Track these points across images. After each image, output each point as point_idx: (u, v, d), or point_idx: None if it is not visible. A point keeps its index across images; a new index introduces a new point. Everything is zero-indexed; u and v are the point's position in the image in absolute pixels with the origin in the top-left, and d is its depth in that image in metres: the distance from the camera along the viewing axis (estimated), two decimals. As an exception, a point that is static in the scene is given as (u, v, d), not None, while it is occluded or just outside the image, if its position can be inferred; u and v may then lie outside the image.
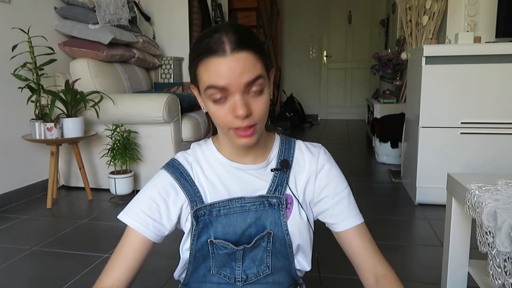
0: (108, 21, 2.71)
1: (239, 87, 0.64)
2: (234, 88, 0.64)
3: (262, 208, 0.75)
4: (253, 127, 0.68)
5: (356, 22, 6.27)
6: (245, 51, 0.64)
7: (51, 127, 2.15)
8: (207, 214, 0.74)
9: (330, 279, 1.42)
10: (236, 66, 0.63)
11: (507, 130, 2.04)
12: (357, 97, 6.40)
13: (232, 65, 0.63)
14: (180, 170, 0.77)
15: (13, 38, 2.20)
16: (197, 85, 0.71)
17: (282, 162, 0.78)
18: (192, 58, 0.68)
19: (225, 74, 0.63)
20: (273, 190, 0.76)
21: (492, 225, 0.76)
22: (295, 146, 0.82)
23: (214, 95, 0.65)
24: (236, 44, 0.64)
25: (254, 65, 0.65)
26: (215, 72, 0.64)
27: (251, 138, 0.69)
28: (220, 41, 0.64)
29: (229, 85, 0.64)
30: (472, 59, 2.03)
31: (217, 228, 0.74)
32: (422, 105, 2.12)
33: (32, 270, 1.51)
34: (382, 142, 3.26)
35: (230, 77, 0.63)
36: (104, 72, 2.71)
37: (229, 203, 0.74)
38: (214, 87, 0.65)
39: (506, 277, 0.70)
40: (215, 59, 0.64)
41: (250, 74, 0.64)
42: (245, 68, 0.64)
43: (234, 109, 0.65)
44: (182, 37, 3.57)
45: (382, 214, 2.09)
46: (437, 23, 3.04)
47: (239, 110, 0.64)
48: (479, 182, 0.95)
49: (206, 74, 0.65)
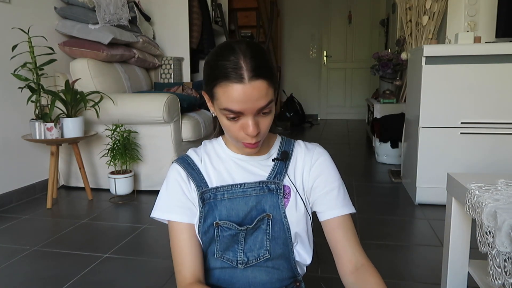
0: (108, 21, 2.71)
1: (252, 111, 0.72)
2: (248, 112, 0.72)
3: (262, 193, 0.81)
4: (258, 142, 0.77)
5: (356, 22, 6.27)
6: (261, 79, 0.70)
7: (51, 127, 2.15)
8: (212, 197, 0.80)
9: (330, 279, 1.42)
10: (252, 93, 0.70)
11: (507, 130, 2.04)
12: (357, 97, 6.40)
13: (249, 92, 0.70)
14: (187, 161, 0.85)
15: (13, 38, 2.20)
16: (211, 98, 0.77)
17: (283, 153, 0.86)
18: (210, 77, 0.74)
19: (242, 100, 0.70)
20: (272, 177, 0.83)
21: (492, 225, 0.76)
22: (295, 143, 0.90)
23: (229, 115, 0.73)
24: (254, 73, 0.69)
25: (267, 92, 0.72)
26: (233, 97, 0.70)
27: (256, 148, 0.79)
28: (239, 67, 0.69)
29: (244, 110, 0.72)
30: (472, 59, 2.03)
31: (221, 212, 0.80)
32: (422, 105, 2.12)
33: (32, 270, 1.51)
34: (382, 142, 3.26)
35: (246, 104, 0.71)
36: (104, 72, 2.71)
37: (232, 188, 0.81)
38: (230, 111, 0.72)
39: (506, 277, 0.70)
40: (234, 85, 0.69)
41: (264, 100, 0.72)
42: (260, 95, 0.71)
43: (246, 128, 0.74)
44: (182, 37, 3.57)
45: (382, 214, 2.09)
46: (437, 23, 3.04)
47: (251, 131, 0.73)
48: (479, 182, 0.95)
49: (223, 97, 0.71)
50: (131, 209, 2.24)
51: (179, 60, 3.58)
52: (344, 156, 3.64)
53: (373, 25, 6.14)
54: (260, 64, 0.71)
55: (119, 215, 2.14)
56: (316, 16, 6.39)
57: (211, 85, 0.74)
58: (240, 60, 0.69)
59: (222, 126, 0.79)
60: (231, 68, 0.69)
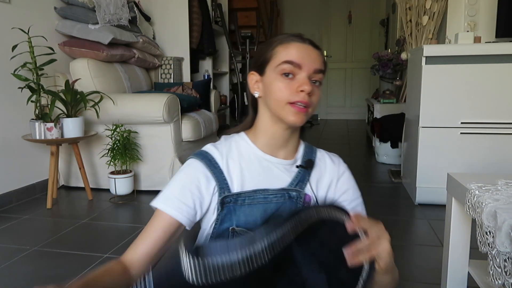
0: (108, 21, 2.71)
1: (309, 69, 0.78)
2: (305, 68, 0.77)
3: (282, 200, 0.81)
4: (307, 108, 0.78)
5: (356, 22, 6.27)
6: (318, 50, 0.81)
7: (51, 127, 2.15)
8: (233, 202, 0.79)
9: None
10: (311, 53, 0.79)
11: (507, 130, 2.04)
12: (357, 97, 6.40)
13: (308, 51, 0.79)
14: (209, 158, 0.82)
15: (13, 38, 2.20)
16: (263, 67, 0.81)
17: (308, 161, 0.87)
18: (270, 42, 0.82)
19: (302, 55, 0.78)
20: (295, 184, 0.83)
21: (492, 225, 0.76)
22: (317, 152, 0.91)
23: (287, 69, 0.77)
24: (313, 44, 0.81)
25: (322, 63, 0.80)
26: (294, 50, 0.78)
27: (302, 116, 0.78)
28: (300, 35, 0.81)
29: (303, 64, 0.77)
30: (472, 59, 2.03)
31: (240, 217, 0.79)
32: (422, 105, 2.12)
33: (32, 270, 1.51)
34: (382, 142, 3.26)
35: (305, 58, 0.77)
36: (104, 72, 2.71)
37: (253, 194, 0.80)
38: (290, 63, 0.77)
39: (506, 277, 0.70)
40: (297, 43, 0.79)
41: (319, 64, 0.79)
42: (317, 58, 0.79)
43: (302, 84, 0.77)
44: (182, 37, 3.57)
45: (382, 214, 2.09)
46: (437, 23, 3.04)
47: (306, 86, 0.76)
48: (479, 182, 0.95)
49: (284, 52, 0.78)
50: (131, 209, 2.24)
51: (179, 60, 3.58)
52: (344, 156, 3.60)
53: (373, 25, 6.14)
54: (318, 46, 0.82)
55: (119, 215, 2.14)
56: (316, 16, 6.39)
57: (270, 48, 0.80)
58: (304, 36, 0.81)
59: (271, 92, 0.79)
60: (295, 35, 0.81)
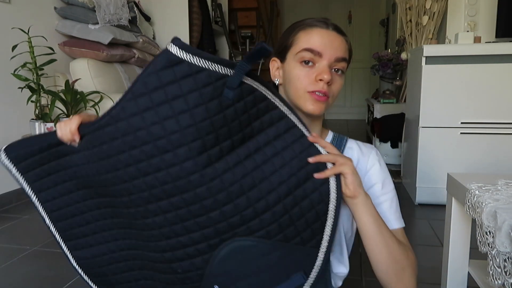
0: (108, 21, 2.71)
1: (330, 57, 0.74)
2: (326, 56, 0.74)
3: None
4: (327, 97, 0.75)
5: (356, 22, 6.27)
6: (343, 36, 0.77)
7: (51, 127, 2.15)
8: None
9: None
10: (334, 40, 0.75)
11: (507, 130, 2.04)
12: (357, 97, 6.40)
13: (331, 38, 0.75)
14: None
15: (13, 38, 2.20)
16: (284, 53, 0.79)
17: None
18: (293, 27, 0.79)
19: (324, 42, 0.74)
20: None
21: (492, 225, 0.76)
22: (347, 144, 0.84)
23: (306, 57, 0.74)
24: (338, 30, 0.77)
25: (345, 51, 0.77)
26: (316, 37, 0.74)
27: (321, 105, 0.75)
28: (325, 21, 0.77)
29: (324, 52, 0.74)
30: (472, 59, 2.03)
31: None
32: (422, 105, 2.12)
33: (32, 270, 1.51)
34: (382, 142, 3.26)
35: (327, 46, 0.74)
36: (104, 72, 2.71)
37: None
38: (310, 50, 0.74)
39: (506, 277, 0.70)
40: (319, 29, 0.75)
41: (342, 52, 0.76)
42: (340, 46, 0.76)
43: (321, 73, 0.73)
44: (182, 37, 3.52)
45: (382, 214, 2.09)
46: (437, 23, 3.04)
47: (325, 75, 0.73)
48: (479, 182, 0.95)
49: (305, 38, 0.75)
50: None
51: (179, 60, 3.58)
52: (344, 156, 3.63)
53: (373, 25, 6.14)
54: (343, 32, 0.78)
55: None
56: (316, 16, 6.38)
57: (292, 34, 0.78)
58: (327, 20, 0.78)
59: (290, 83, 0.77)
60: (318, 20, 0.77)
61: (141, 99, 0.60)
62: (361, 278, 1.42)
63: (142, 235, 0.69)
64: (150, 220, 0.65)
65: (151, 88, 0.59)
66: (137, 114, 0.60)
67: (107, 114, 0.62)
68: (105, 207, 0.70)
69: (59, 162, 0.69)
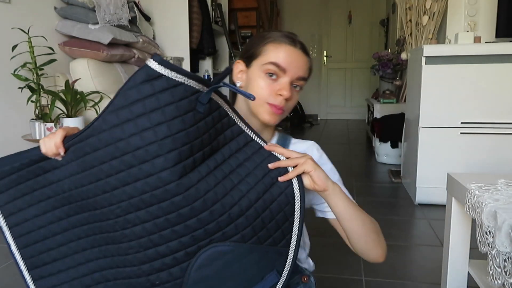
0: (108, 21, 2.71)
1: (293, 75, 0.80)
2: (290, 73, 0.80)
3: None
4: (282, 111, 0.82)
5: (356, 22, 6.27)
6: (307, 57, 0.83)
7: (51, 127, 2.15)
8: None
9: (330, 279, 1.42)
10: (299, 59, 0.81)
11: (507, 130, 2.04)
12: (357, 97, 6.40)
13: (297, 57, 0.81)
14: None
15: (13, 38, 2.19)
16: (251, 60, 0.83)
17: None
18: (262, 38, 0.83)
19: (290, 60, 0.80)
20: None
21: (492, 225, 0.76)
22: (290, 142, 0.91)
23: (272, 70, 0.80)
24: (304, 50, 0.83)
25: (307, 70, 0.84)
26: (283, 53, 0.80)
27: (277, 117, 0.82)
28: (294, 38, 0.82)
29: (288, 69, 0.80)
30: (472, 59, 2.03)
31: None
32: (422, 105, 2.12)
33: (32, 270, 1.51)
34: (382, 142, 3.26)
35: (292, 64, 0.80)
36: (104, 72, 2.71)
37: None
38: (276, 65, 0.79)
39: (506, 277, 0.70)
40: (288, 46, 0.81)
41: (303, 71, 0.82)
42: (303, 66, 0.82)
43: (282, 89, 0.79)
44: (182, 37, 3.56)
45: (382, 214, 2.09)
46: (437, 23, 3.04)
47: (285, 91, 0.79)
48: (479, 182, 0.96)
49: (273, 52, 0.80)
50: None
51: (179, 60, 3.58)
52: (344, 156, 3.64)
53: (373, 25, 6.14)
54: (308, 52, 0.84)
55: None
56: (316, 16, 6.39)
57: (261, 43, 0.82)
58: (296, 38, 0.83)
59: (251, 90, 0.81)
60: (288, 36, 0.82)
61: (122, 111, 0.62)
62: (361, 278, 1.42)
63: (120, 249, 0.69)
64: (129, 230, 0.67)
65: (131, 101, 0.62)
66: (117, 126, 0.62)
67: (90, 125, 0.65)
68: (82, 225, 0.71)
69: (37, 180, 0.71)
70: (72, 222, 0.72)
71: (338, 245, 0.85)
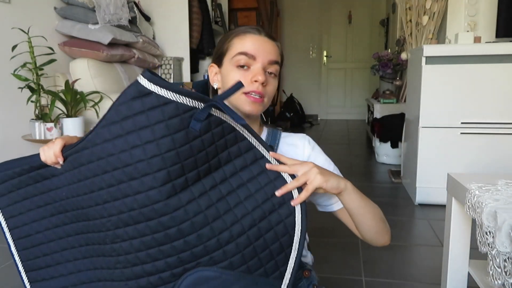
0: (108, 21, 2.71)
1: (264, 60, 0.81)
2: (260, 59, 0.80)
3: None
4: (262, 98, 0.81)
5: (356, 22, 6.27)
6: (274, 42, 0.84)
7: (51, 127, 2.15)
8: None
9: (330, 279, 1.42)
10: (266, 44, 0.82)
11: (507, 130, 2.04)
12: (357, 97, 6.40)
13: (263, 43, 0.82)
14: None
15: (13, 38, 2.19)
16: (221, 59, 0.84)
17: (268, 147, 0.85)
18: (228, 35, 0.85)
19: (257, 47, 0.81)
20: None
21: (492, 225, 0.76)
22: (280, 138, 0.90)
23: (242, 60, 0.80)
24: (269, 36, 0.84)
25: (277, 55, 0.84)
26: (249, 42, 0.81)
27: (258, 106, 0.81)
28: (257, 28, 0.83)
29: (257, 55, 0.80)
30: (472, 59, 2.03)
31: None
32: (422, 105, 2.12)
33: (32, 270, 1.51)
34: (382, 142, 3.26)
35: (259, 50, 0.80)
36: (104, 72, 2.71)
37: None
38: (245, 54, 0.80)
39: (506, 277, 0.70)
40: (252, 35, 0.82)
41: (274, 55, 0.83)
42: (272, 50, 0.82)
43: (255, 75, 0.79)
44: (182, 37, 3.57)
45: (382, 214, 2.09)
46: (437, 23, 3.04)
47: (260, 76, 0.79)
48: (479, 182, 0.95)
49: (240, 44, 0.81)
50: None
51: (179, 60, 3.58)
52: (344, 156, 3.64)
53: (373, 25, 6.14)
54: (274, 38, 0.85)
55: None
56: (316, 16, 6.39)
57: (227, 40, 0.83)
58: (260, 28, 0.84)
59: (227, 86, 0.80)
60: (251, 27, 0.83)
61: (113, 127, 0.62)
62: (361, 278, 1.42)
63: (109, 263, 0.69)
64: (118, 245, 0.67)
65: (122, 117, 0.62)
66: (109, 141, 0.62)
67: (85, 138, 0.65)
68: (76, 234, 0.71)
69: (36, 186, 0.71)
70: (67, 231, 0.72)
71: (338, 245, 0.85)
